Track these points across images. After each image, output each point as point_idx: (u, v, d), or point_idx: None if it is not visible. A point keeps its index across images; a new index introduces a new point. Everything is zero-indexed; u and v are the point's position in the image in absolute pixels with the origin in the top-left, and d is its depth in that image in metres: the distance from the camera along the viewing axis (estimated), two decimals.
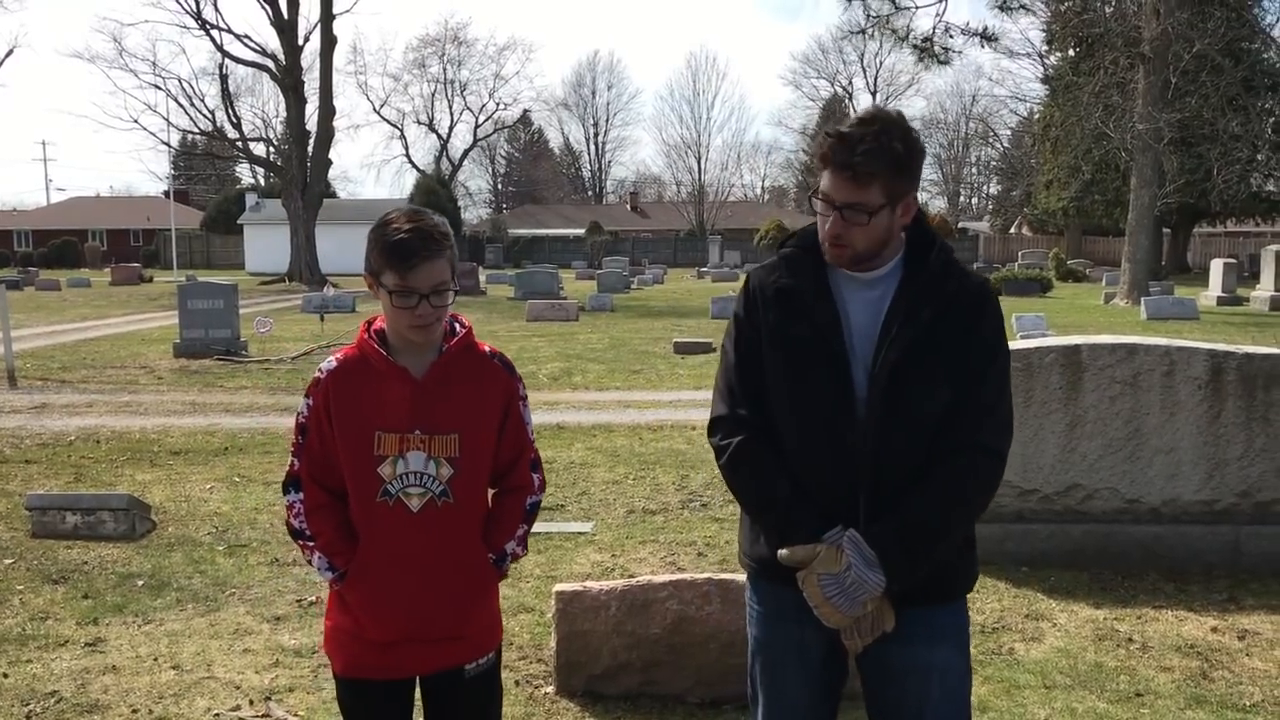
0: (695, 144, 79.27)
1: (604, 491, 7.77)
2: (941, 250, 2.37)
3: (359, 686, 2.62)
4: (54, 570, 5.95)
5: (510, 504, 2.68)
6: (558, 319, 22.94)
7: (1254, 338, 18.19)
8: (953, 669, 2.41)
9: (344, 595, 2.58)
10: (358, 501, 2.53)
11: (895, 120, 2.28)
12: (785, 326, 2.37)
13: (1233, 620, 5.08)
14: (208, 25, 42.33)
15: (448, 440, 2.52)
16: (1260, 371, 5.75)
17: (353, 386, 2.53)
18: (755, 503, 2.43)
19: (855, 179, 2.24)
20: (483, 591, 2.64)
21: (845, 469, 2.30)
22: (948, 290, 2.32)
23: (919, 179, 2.35)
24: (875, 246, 2.31)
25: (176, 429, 10.45)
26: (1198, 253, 54.66)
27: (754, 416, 2.41)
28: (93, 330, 21.63)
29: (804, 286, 2.37)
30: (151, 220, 72.03)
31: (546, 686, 4.35)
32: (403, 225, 2.44)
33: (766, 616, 2.50)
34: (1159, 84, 28.02)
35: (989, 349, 2.33)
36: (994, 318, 2.36)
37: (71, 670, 4.59)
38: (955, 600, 2.43)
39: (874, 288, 2.35)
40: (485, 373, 2.62)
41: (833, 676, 2.49)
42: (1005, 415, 2.36)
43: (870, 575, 2.23)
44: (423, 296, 2.43)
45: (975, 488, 2.31)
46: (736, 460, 2.42)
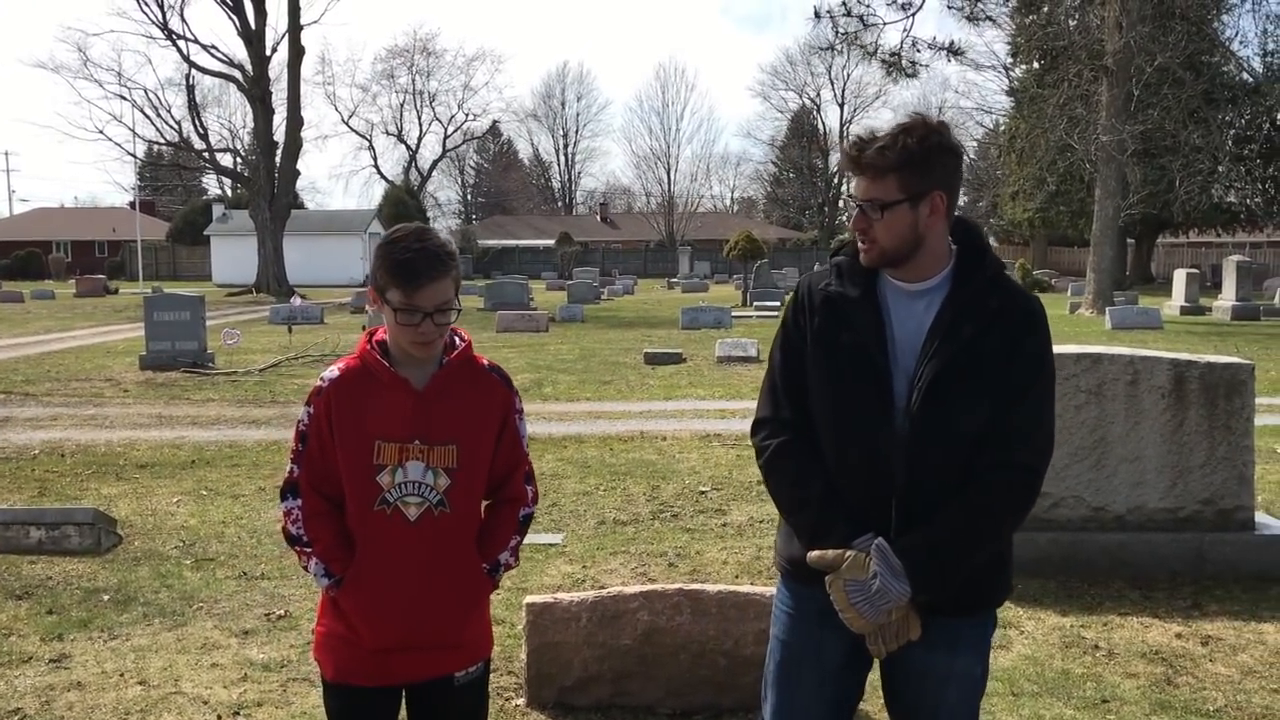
0: (665, 155, 79.77)
1: (574, 503, 7.76)
2: (990, 265, 2.37)
3: (349, 692, 2.63)
4: (17, 586, 5.87)
5: (504, 515, 2.72)
6: (528, 330, 22.92)
7: (1216, 347, 18.43)
8: (970, 677, 2.45)
9: (339, 602, 2.60)
10: (355, 509, 2.56)
11: (919, 122, 2.30)
12: (830, 333, 2.38)
13: (1196, 626, 5.14)
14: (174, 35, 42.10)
15: (446, 451, 2.56)
16: (1222, 380, 5.83)
17: (354, 396, 2.57)
18: (789, 503, 2.45)
19: (867, 174, 2.30)
20: (476, 601, 2.67)
21: (880, 478, 2.32)
22: (991, 306, 2.31)
23: (947, 180, 2.32)
24: (902, 245, 2.31)
25: (143, 442, 10.35)
26: (1161, 263, 55.34)
27: (795, 419, 2.43)
28: (57, 343, 21.39)
29: (852, 294, 2.38)
30: (117, 231, 71.38)
31: (517, 699, 4.34)
32: (410, 244, 2.48)
33: (791, 617, 2.52)
34: (1122, 96, 28.39)
35: (1032, 367, 2.32)
36: (1039, 336, 2.35)
37: (36, 687, 4.53)
38: (982, 612, 2.45)
39: (919, 300, 2.36)
40: (484, 385, 2.66)
41: (846, 687, 2.50)
42: (1045, 435, 2.36)
43: (895, 585, 2.24)
44: (426, 315, 2.48)
45: (1008, 506, 2.31)
46: (774, 461, 2.45)
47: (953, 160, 2.33)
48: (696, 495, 7.93)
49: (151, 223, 68.79)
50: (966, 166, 30.11)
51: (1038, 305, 2.39)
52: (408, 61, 77.81)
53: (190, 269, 62.40)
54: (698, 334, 21.83)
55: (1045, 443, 2.36)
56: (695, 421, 11.35)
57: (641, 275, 60.22)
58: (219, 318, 26.29)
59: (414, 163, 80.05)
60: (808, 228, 77.81)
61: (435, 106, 79.71)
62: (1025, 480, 2.31)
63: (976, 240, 2.41)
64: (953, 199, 2.35)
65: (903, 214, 2.29)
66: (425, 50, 78.97)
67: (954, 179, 2.34)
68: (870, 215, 2.31)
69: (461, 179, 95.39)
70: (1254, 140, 41.05)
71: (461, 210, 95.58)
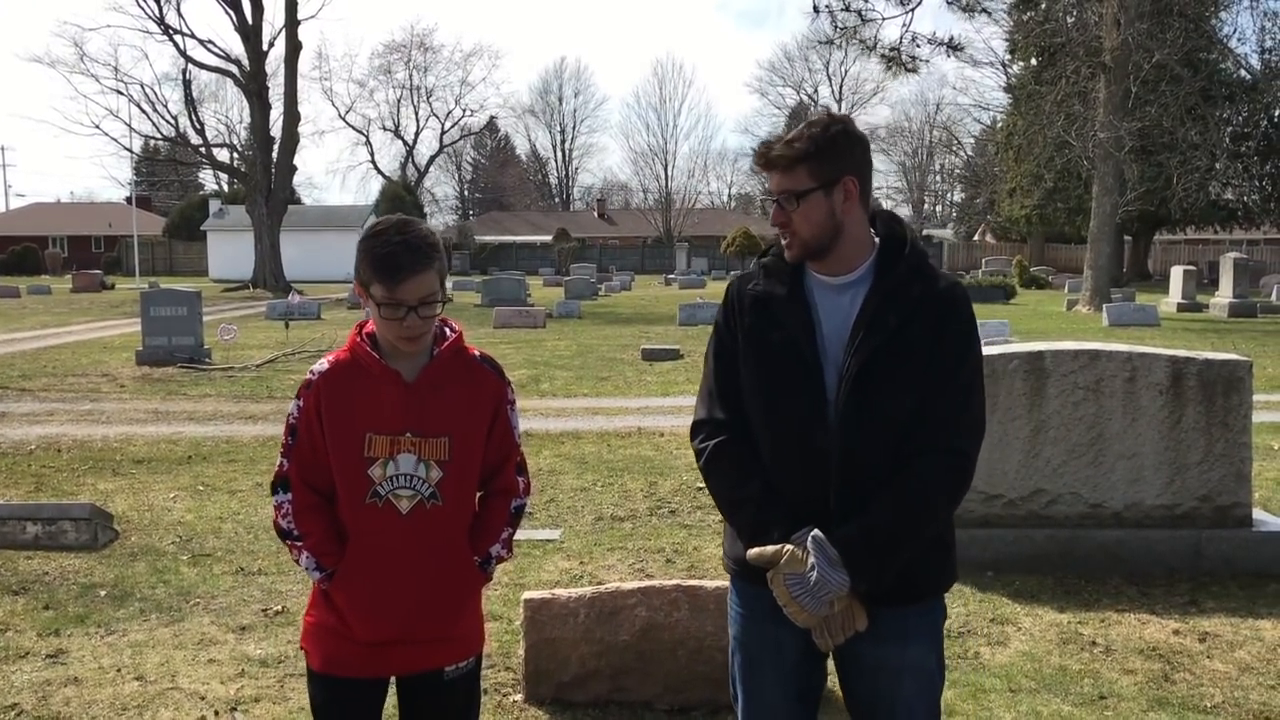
0: (662, 151, 79.61)
1: (572, 499, 7.76)
2: (911, 254, 2.39)
3: (335, 683, 2.62)
4: (14, 581, 5.86)
5: (496, 507, 2.70)
6: (525, 326, 22.90)
7: (1213, 344, 18.45)
8: (924, 667, 2.45)
9: (332, 595, 2.59)
10: (347, 503, 2.55)
11: (823, 115, 2.38)
12: (761, 332, 2.41)
13: (1194, 623, 5.15)
14: (171, 30, 42.03)
15: (438, 443, 2.55)
16: (1219, 377, 5.83)
17: (344, 389, 2.56)
18: (728, 503, 2.47)
19: (778, 169, 2.35)
20: (469, 594, 2.66)
21: (816, 472, 2.34)
22: (913, 295, 2.34)
23: (857, 165, 2.36)
24: (822, 234, 2.35)
25: (139, 437, 10.34)
26: (1158, 260, 55.41)
27: (732, 420, 2.46)
28: (54, 338, 21.36)
29: (779, 293, 2.42)
30: (113, 226, 71.25)
31: (515, 694, 4.33)
32: (391, 237, 2.45)
33: (745, 617, 2.54)
34: (1120, 93, 28.40)
35: (957, 352, 2.35)
36: (963, 320, 2.37)
37: (33, 682, 4.52)
38: (928, 600, 2.46)
39: (844, 293, 2.39)
40: (475, 376, 2.64)
41: (810, 677, 2.52)
42: (975, 417, 2.38)
43: (833, 575, 2.26)
44: (410, 309, 2.45)
45: (942, 489, 2.33)
46: (712, 463, 2.47)
47: (859, 146, 2.39)
48: (694, 491, 7.93)
49: (148, 218, 68.70)
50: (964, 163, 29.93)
51: (961, 291, 2.42)
52: (405, 57, 77.74)
53: (187, 264, 62.35)
54: (695, 330, 21.83)
55: (975, 425, 2.38)
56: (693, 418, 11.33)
57: (639, 271, 60.17)
58: (216, 313, 26.28)
59: (411, 158, 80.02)
60: None
61: (432, 102, 79.67)
62: (957, 464, 2.34)
63: (898, 231, 2.45)
64: (865, 184, 2.39)
65: (818, 202, 2.34)
66: (422, 45, 78.84)
67: (864, 165, 2.39)
68: (787, 208, 2.36)
69: (459, 175, 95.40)
70: (1251, 137, 41.11)
71: (459, 206, 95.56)
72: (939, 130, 78.43)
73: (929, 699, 2.47)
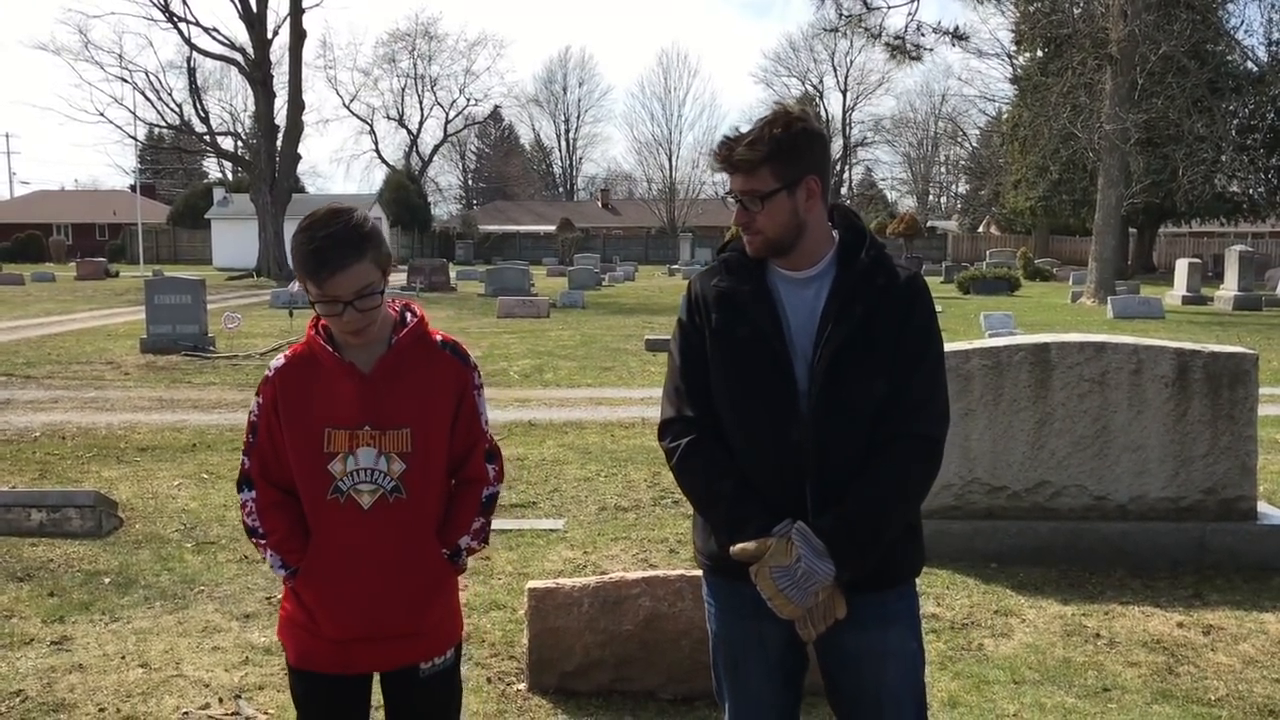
0: (667, 141, 79.47)
1: (576, 489, 7.76)
2: (871, 247, 2.43)
3: (311, 678, 2.60)
4: (19, 568, 5.88)
5: (465, 497, 2.63)
6: (529, 316, 22.89)
7: (1218, 337, 18.42)
8: (905, 651, 2.48)
9: (299, 592, 2.56)
10: (308, 499, 2.51)
11: (782, 113, 2.38)
12: (727, 328, 2.42)
13: (1198, 616, 5.14)
14: (175, 18, 41.96)
15: (399, 435, 2.48)
16: (1225, 370, 5.82)
17: (301, 384, 2.51)
18: (703, 500, 2.48)
19: (741, 170, 2.37)
20: (438, 588, 2.60)
21: (790, 464, 2.37)
22: (877, 285, 2.38)
23: (818, 164, 2.39)
24: (786, 232, 2.38)
25: (144, 425, 10.35)
26: (1163, 252, 55.28)
27: (701, 417, 2.47)
28: (58, 325, 21.38)
29: (743, 288, 2.43)
30: (117, 214, 71.30)
31: (518, 684, 4.34)
32: (316, 233, 2.37)
33: (724, 612, 2.55)
34: (1126, 85, 28.30)
35: (921, 340, 2.40)
36: (925, 309, 2.42)
37: (37, 669, 4.53)
38: (903, 584, 2.50)
39: (809, 287, 2.42)
40: (436, 363, 2.57)
41: (793, 667, 2.54)
42: (941, 404, 2.43)
43: (820, 565, 2.28)
44: (347, 304, 2.38)
45: (916, 475, 2.39)
46: (685, 460, 2.47)
47: (820, 144, 2.41)
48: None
49: (152, 206, 68.73)
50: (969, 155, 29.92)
51: (921, 281, 2.47)
52: (409, 46, 77.61)
53: (191, 253, 62.35)
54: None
55: (942, 410, 2.43)
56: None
57: (643, 262, 60.18)
58: (220, 301, 26.28)
59: (415, 147, 79.91)
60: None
61: (437, 91, 79.58)
62: (927, 448, 2.38)
63: (856, 224, 2.49)
64: (825, 181, 2.42)
65: (781, 202, 2.35)
66: (427, 34, 78.71)
67: (824, 162, 2.42)
68: (751, 208, 2.37)
69: (463, 164, 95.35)
70: (1258, 130, 40.99)
71: (463, 195, 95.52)
72: (944, 121, 78.29)
73: (913, 680, 2.51)
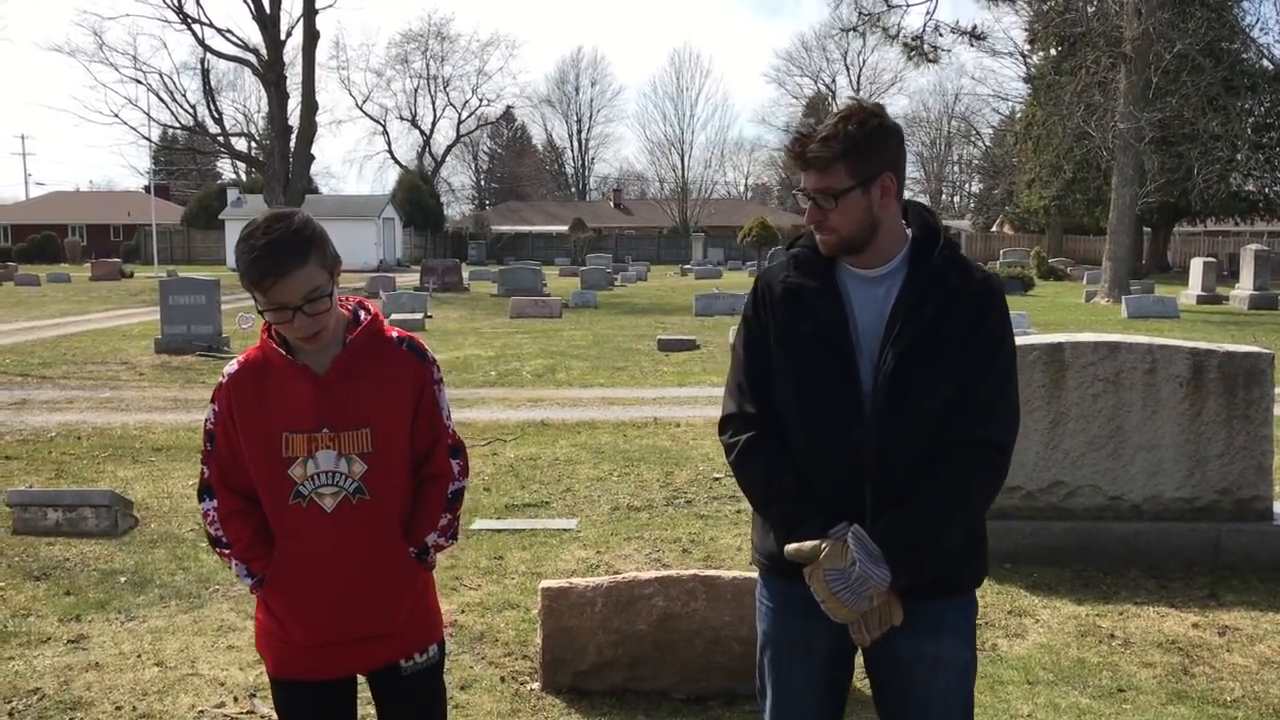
0: (679, 141, 79.45)
1: (588, 488, 7.77)
2: (945, 246, 2.37)
3: (291, 687, 2.58)
4: (35, 567, 5.91)
5: (430, 494, 2.59)
6: (541, 316, 22.91)
7: (1233, 336, 18.33)
8: (957, 660, 2.43)
9: (267, 600, 2.53)
10: (270, 506, 2.48)
11: (857, 108, 2.33)
12: (792, 325, 2.39)
13: (1213, 616, 5.12)
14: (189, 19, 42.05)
15: (358, 435, 2.46)
16: (1241, 370, 5.79)
17: (255, 389, 2.47)
18: (761, 498, 2.45)
19: (814, 167, 2.32)
20: (408, 587, 2.57)
21: (851, 465, 2.32)
22: (950, 286, 2.32)
23: (894, 160, 2.34)
24: (860, 230, 2.33)
25: (159, 425, 10.40)
26: (1178, 252, 55.01)
27: (762, 414, 2.43)
28: (73, 326, 21.49)
29: (811, 285, 2.39)
30: (132, 215, 71.54)
31: (532, 683, 4.35)
32: (256, 241, 2.32)
33: (775, 612, 2.52)
34: (1140, 83, 28.17)
35: (992, 344, 2.34)
36: (998, 313, 2.37)
37: (54, 667, 4.56)
38: (963, 594, 2.45)
39: (879, 285, 2.37)
40: (393, 360, 2.53)
41: (839, 672, 2.51)
42: (1010, 410, 2.37)
43: (875, 570, 2.24)
44: (295, 309, 2.35)
45: (979, 482, 2.33)
46: (744, 456, 2.44)
47: (895, 140, 2.36)
48: (710, 482, 7.93)
49: (166, 207, 68.97)
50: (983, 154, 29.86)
51: (996, 282, 2.41)
52: (422, 46, 77.72)
53: (205, 253, 62.57)
54: (711, 321, 21.80)
55: (1010, 417, 2.37)
56: (709, 408, 11.33)
57: (655, 262, 60.13)
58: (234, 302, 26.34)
59: (428, 148, 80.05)
60: None
61: (449, 91, 79.61)
62: (993, 456, 2.33)
63: (930, 222, 2.43)
64: (900, 179, 2.37)
65: (855, 200, 2.31)
66: (440, 35, 78.84)
67: (899, 159, 2.38)
68: (824, 206, 2.33)
69: (475, 164, 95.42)
70: (1274, 128, 40.78)
71: (475, 196, 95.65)
72: (957, 120, 78.05)
73: (963, 691, 2.46)
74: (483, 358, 15.44)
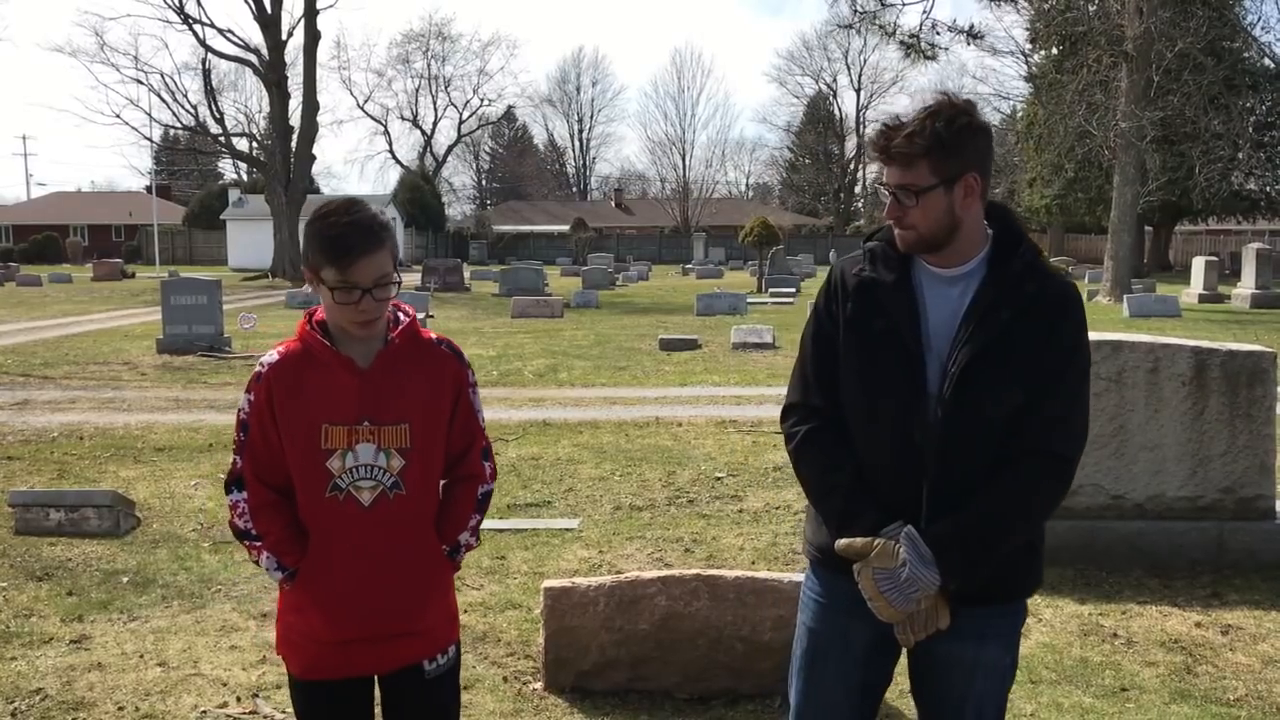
0: (680, 141, 79.56)
1: (590, 488, 7.77)
2: (1026, 251, 2.32)
3: (317, 688, 2.56)
4: (38, 567, 5.91)
5: (462, 494, 2.60)
6: (543, 316, 22.91)
7: (1235, 335, 18.31)
8: (999, 666, 2.42)
9: (296, 595, 2.51)
10: (306, 498, 2.46)
11: (946, 103, 2.27)
12: (863, 318, 2.35)
13: (1216, 615, 5.12)
14: (190, 20, 42.12)
15: (398, 431, 2.46)
16: (1243, 369, 5.78)
17: (296, 379, 2.46)
18: (817, 490, 2.42)
19: (897, 162, 2.27)
20: (437, 584, 2.58)
21: (910, 465, 2.29)
22: (1027, 291, 2.27)
23: (980, 160, 2.28)
24: (939, 229, 2.28)
25: (160, 425, 10.40)
26: (1179, 251, 55.01)
27: (826, 406, 2.40)
28: (75, 326, 21.50)
29: (885, 279, 2.35)
30: (133, 215, 71.62)
31: (535, 683, 4.35)
32: (340, 219, 2.37)
33: (821, 605, 2.50)
34: (1141, 82, 28.15)
35: (1065, 354, 2.28)
36: (1074, 322, 2.31)
37: (57, 667, 4.56)
38: (1014, 602, 2.43)
39: (955, 285, 2.33)
40: (433, 360, 2.55)
41: (874, 675, 2.49)
42: (1079, 422, 2.33)
43: (925, 573, 2.21)
44: (365, 291, 2.37)
45: (1040, 494, 2.28)
46: (803, 447, 2.42)
47: (984, 139, 2.29)
48: (712, 481, 7.92)
49: (168, 207, 69.02)
50: None
51: (1074, 291, 2.34)
52: (423, 46, 77.84)
53: (206, 253, 62.61)
54: (713, 320, 21.80)
55: (1079, 430, 2.32)
56: (711, 407, 11.34)
57: (656, 261, 60.15)
58: (235, 302, 26.39)
59: (429, 148, 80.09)
60: (823, 214, 77.61)
61: (450, 91, 79.72)
62: (1058, 468, 2.28)
63: (1012, 224, 2.38)
64: (986, 179, 2.30)
65: (938, 198, 2.25)
66: (441, 35, 79.00)
67: (986, 159, 2.31)
68: (905, 202, 2.28)
69: (476, 164, 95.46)
70: (1276, 127, 40.79)
71: (476, 196, 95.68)
72: None
73: (998, 697, 2.44)
74: (485, 357, 15.43)
